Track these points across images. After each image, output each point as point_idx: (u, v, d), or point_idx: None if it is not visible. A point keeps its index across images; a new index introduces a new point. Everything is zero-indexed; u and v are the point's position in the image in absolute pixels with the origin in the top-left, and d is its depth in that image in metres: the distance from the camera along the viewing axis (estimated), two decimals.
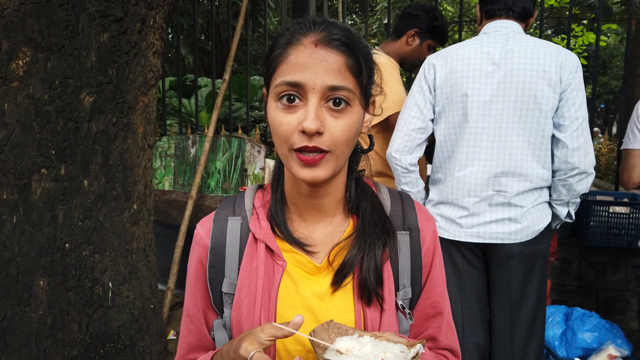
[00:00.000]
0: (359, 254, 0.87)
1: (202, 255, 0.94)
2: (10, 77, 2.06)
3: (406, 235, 0.93)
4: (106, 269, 2.34)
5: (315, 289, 0.88)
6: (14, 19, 2.04)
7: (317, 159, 0.78)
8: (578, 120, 1.80)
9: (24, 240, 2.11)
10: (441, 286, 0.98)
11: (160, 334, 2.69)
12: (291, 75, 0.77)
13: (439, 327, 0.97)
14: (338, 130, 0.78)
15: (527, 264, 1.88)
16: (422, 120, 1.92)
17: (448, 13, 14.96)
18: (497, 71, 1.83)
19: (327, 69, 0.76)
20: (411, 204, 0.96)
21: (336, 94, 0.77)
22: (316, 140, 0.76)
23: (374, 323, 0.86)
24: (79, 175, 2.23)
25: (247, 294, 0.88)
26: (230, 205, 0.96)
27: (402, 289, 0.92)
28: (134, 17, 2.33)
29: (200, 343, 0.97)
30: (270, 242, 0.89)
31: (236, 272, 0.90)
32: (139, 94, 2.45)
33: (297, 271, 0.89)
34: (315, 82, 0.76)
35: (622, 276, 3.05)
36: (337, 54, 0.77)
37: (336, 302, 0.88)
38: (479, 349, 1.97)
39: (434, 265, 0.96)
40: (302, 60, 0.77)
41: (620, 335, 2.55)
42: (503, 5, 1.92)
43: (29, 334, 2.11)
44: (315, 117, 0.75)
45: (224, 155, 3.63)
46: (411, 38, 2.47)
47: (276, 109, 0.79)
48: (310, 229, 0.92)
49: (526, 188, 1.85)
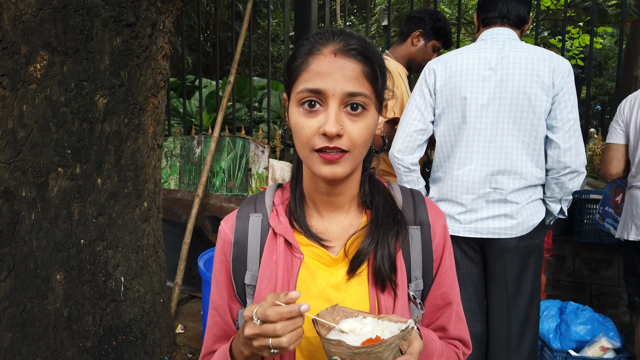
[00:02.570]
0: (372, 243, 0.93)
1: (226, 249, 1.00)
2: (29, 80, 2.14)
3: (417, 229, 0.98)
4: (118, 264, 2.43)
5: (331, 279, 0.94)
6: (32, 24, 2.12)
7: (337, 157, 0.84)
8: (570, 122, 1.90)
9: (42, 236, 2.19)
10: (451, 278, 1.03)
11: (169, 327, 2.77)
12: (312, 83, 0.83)
13: (449, 318, 1.02)
14: (356, 132, 0.84)
15: (522, 258, 1.98)
16: (422, 122, 2.02)
17: (446, 14, 15.08)
18: (493, 76, 1.93)
19: (346, 77, 0.83)
20: (422, 200, 1.02)
21: (354, 99, 0.84)
22: (336, 141, 0.83)
23: (387, 310, 0.92)
24: (93, 174, 2.32)
25: (267, 285, 0.94)
26: (252, 203, 1.03)
27: (414, 281, 0.97)
28: (145, 22, 2.42)
29: (225, 334, 1.03)
30: (289, 236, 0.95)
31: (257, 265, 0.97)
32: (149, 96, 2.53)
33: (315, 263, 0.95)
34: (335, 89, 0.82)
35: (615, 272, 3.15)
36: (355, 62, 0.84)
37: (351, 291, 0.94)
38: (477, 339, 2.07)
39: (444, 258, 1.01)
40: (322, 69, 0.83)
41: (613, 328, 2.64)
42: (498, 14, 2.04)
43: (47, 325, 2.20)
44: (335, 121, 0.82)
45: (228, 155, 3.72)
46: (416, 39, 2.59)
47: (298, 113, 0.86)
48: (327, 224, 0.98)
49: (521, 185, 1.95)
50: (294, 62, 0.89)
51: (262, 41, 14.34)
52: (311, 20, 3.74)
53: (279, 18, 14.93)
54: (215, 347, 1.04)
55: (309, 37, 0.90)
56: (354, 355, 0.73)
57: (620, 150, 2.48)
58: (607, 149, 2.54)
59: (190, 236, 3.36)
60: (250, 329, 0.78)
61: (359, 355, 0.73)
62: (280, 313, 0.76)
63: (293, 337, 0.76)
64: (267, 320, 0.76)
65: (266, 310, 0.76)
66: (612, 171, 2.50)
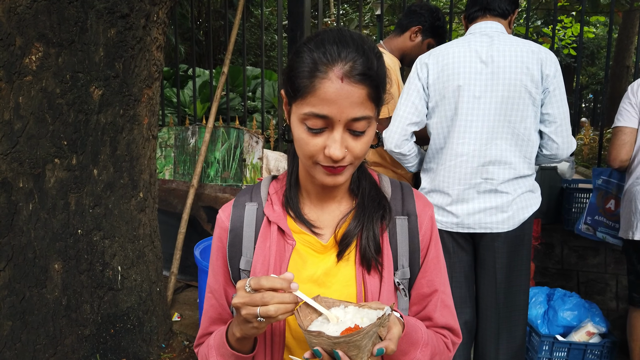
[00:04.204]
0: (358, 226, 0.98)
1: (223, 236, 1.05)
2: (24, 71, 2.15)
3: (405, 219, 1.02)
4: (115, 253, 2.46)
5: (321, 265, 0.99)
6: (26, 16, 2.13)
7: (340, 170, 0.90)
8: (560, 115, 1.96)
9: (40, 226, 2.22)
10: (437, 267, 1.07)
11: (165, 315, 2.82)
12: (319, 109, 0.85)
13: (435, 305, 1.05)
14: (358, 148, 0.89)
15: (511, 246, 2.04)
16: (417, 116, 2.07)
17: (440, 3, 15.04)
18: (485, 69, 1.97)
19: (352, 103, 0.85)
20: (410, 192, 1.07)
21: (358, 123, 0.87)
22: (340, 162, 0.89)
23: (373, 292, 0.96)
24: (89, 165, 2.34)
25: (260, 269, 0.98)
26: (248, 193, 1.08)
27: (400, 269, 1.01)
28: (139, 13, 2.43)
29: (221, 317, 1.08)
30: (282, 224, 1.00)
31: (252, 251, 1.01)
32: (143, 87, 2.55)
33: (306, 250, 1.00)
34: (341, 116, 0.86)
35: (602, 259, 3.22)
36: (361, 87, 0.85)
37: (340, 276, 0.98)
38: (467, 325, 2.13)
39: (431, 247, 1.05)
40: (330, 96, 0.84)
41: (599, 313, 2.71)
42: (480, 6, 2.08)
43: (46, 314, 2.24)
44: (340, 146, 0.87)
45: (222, 145, 3.75)
46: (414, 34, 2.60)
47: (303, 130, 0.89)
48: (319, 212, 1.03)
49: (511, 176, 2.01)
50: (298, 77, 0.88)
51: (255, 30, 14.25)
52: (304, 9, 3.75)
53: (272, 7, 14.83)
54: (211, 328, 1.08)
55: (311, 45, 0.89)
56: (334, 345, 0.77)
57: (634, 135, 2.36)
58: (618, 133, 2.38)
59: (185, 226, 3.40)
60: (239, 297, 0.83)
61: (338, 344, 0.77)
62: (272, 281, 0.81)
63: (280, 308, 0.80)
64: (259, 287, 0.81)
65: (260, 279, 0.82)
66: (623, 157, 2.37)
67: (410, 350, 0.93)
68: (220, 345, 0.96)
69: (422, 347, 0.95)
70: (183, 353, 2.80)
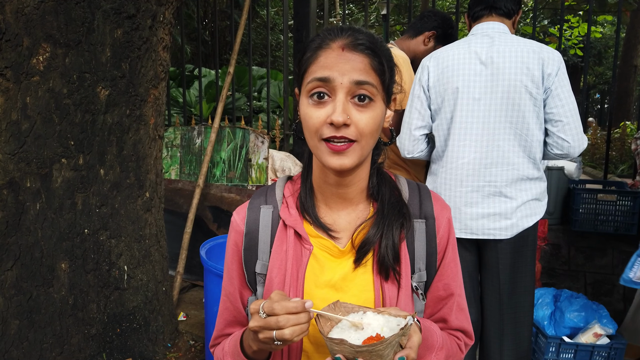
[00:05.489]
0: (377, 233, 0.96)
1: (238, 239, 1.04)
2: (32, 72, 2.17)
3: (422, 222, 1.01)
4: (122, 253, 2.47)
5: (338, 270, 0.97)
6: (34, 17, 2.14)
7: (344, 148, 0.87)
8: (566, 113, 1.93)
9: (47, 226, 2.24)
10: (453, 270, 1.05)
11: (171, 315, 2.83)
12: (320, 72, 0.87)
13: (450, 309, 1.04)
14: (363, 122, 0.87)
15: (514, 247, 2.03)
16: (421, 120, 2.08)
17: (446, 2, 14.99)
18: (484, 70, 1.97)
19: (354, 67, 0.86)
20: (428, 194, 1.05)
21: (361, 88, 0.86)
22: (343, 130, 0.86)
23: (391, 299, 0.95)
24: (96, 164, 2.35)
25: (277, 274, 0.97)
26: (263, 195, 1.06)
27: (417, 272, 1.00)
28: (146, 14, 2.44)
29: (236, 319, 1.07)
30: (299, 228, 0.98)
31: (268, 255, 1.00)
32: (150, 87, 2.56)
33: (323, 254, 0.98)
34: (342, 78, 0.86)
35: (609, 260, 3.20)
36: (362, 56, 0.87)
37: (357, 281, 0.97)
38: (472, 325, 2.12)
39: (448, 251, 1.04)
40: (330, 61, 0.87)
41: (606, 315, 2.69)
42: (485, 5, 2.07)
43: (53, 313, 2.25)
44: (342, 111, 0.85)
45: (228, 145, 3.76)
46: (428, 39, 2.61)
47: (307, 104, 0.89)
48: (335, 216, 1.01)
49: (515, 177, 1.99)
50: (304, 55, 0.92)
51: (261, 30, 14.27)
52: (310, 9, 3.75)
53: (278, 7, 14.85)
54: (226, 330, 1.08)
55: (318, 33, 0.93)
56: (357, 354, 0.77)
57: None
58: None
59: (191, 226, 3.41)
60: (255, 321, 0.83)
61: (361, 353, 0.77)
62: (286, 307, 0.80)
63: (296, 330, 0.80)
64: (272, 314, 0.80)
65: (273, 304, 0.81)
66: None
67: (426, 355, 0.93)
68: (235, 354, 0.97)
69: (437, 351, 0.95)
70: (189, 352, 2.81)
